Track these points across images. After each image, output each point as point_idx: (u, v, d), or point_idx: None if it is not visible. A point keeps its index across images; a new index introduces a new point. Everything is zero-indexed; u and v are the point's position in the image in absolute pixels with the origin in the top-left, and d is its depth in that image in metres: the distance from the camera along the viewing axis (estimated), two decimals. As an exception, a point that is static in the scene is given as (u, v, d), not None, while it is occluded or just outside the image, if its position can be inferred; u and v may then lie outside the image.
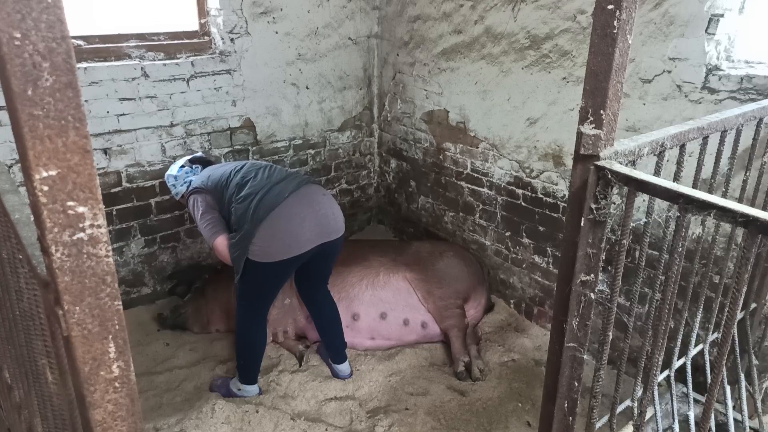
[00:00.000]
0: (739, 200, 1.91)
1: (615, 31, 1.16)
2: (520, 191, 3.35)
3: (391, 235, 4.48)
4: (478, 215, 3.68)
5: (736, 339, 1.96)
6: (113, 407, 0.73)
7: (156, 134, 3.32)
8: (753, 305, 2.12)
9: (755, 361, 2.09)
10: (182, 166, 2.90)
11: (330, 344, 2.94)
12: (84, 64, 2.99)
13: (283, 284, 2.69)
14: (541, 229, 3.28)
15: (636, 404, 1.62)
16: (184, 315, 3.34)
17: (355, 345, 3.15)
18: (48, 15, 0.57)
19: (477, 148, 3.55)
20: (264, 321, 2.72)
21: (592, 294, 1.36)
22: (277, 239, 2.45)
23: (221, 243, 2.55)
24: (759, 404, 2.14)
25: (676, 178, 1.48)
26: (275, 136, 3.82)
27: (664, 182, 1.20)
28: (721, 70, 2.38)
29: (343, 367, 2.95)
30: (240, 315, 2.68)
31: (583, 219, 1.29)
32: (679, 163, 1.49)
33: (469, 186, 3.68)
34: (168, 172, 2.94)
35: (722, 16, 2.33)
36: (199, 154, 3.11)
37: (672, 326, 2.15)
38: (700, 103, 2.43)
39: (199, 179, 2.76)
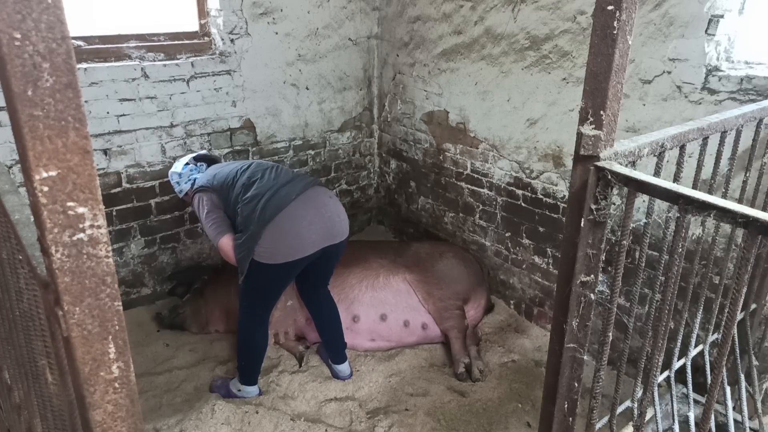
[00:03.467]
0: (739, 201, 1.91)
1: (615, 32, 1.16)
2: (520, 192, 3.35)
3: (391, 236, 4.48)
4: (478, 216, 3.68)
5: (736, 340, 1.96)
6: (113, 408, 0.72)
7: (156, 135, 3.32)
8: (753, 306, 2.12)
9: (755, 362, 2.09)
10: (186, 164, 2.88)
11: (330, 345, 2.94)
12: (84, 65, 2.99)
13: (286, 286, 2.69)
14: (541, 229, 3.28)
15: (636, 405, 1.62)
16: (182, 315, 3.34)
17: (355, 346, 3.15)
18: (48, 16, 0.57)
19: (477, 148, 3.55)
20: (266, 322, 2.72)
21: (592, 295, 1.36)
22: (282, 241, 2.45)
23: (226, 243, 2.55)
24: (759, 405, 2.14)
25: (676, 178, 1.48)
26: (275, 137, 3.82)
27: (664, 183, 1.20)
28: (721, 70, 2.38)
29: (343, 368, 2.95)
30: (242, 316, 2.68)
31: (583, 220, 1.29)
32: (679, 164, 1.49)
33: (469, 187, 3.68)
34: (172, 170, 2.91)
35: (722, 16, 2.33)
36: (204, 152, 3.07)
37: (672, 327, 2.15)
38: (700, 103, 2.43)
39: (204, 177, 2.75)
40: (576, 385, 1.46)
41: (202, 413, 2.59)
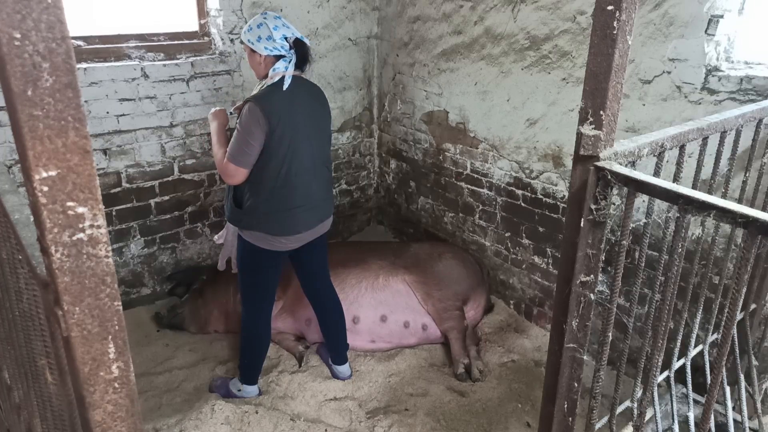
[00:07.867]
0: (739, 201, 1.91)
1: (615, 32, 1.16)
2: (519, 192, 3.35)
3: (390, 236, 4.48)
4: (477, 216, 3.68)
5: (736, 340, 1.96)
6: (113, 408, 0.72)
7: (156, 135, 3.32)
8: (753, 306, 2.13)
9: (755, 362, 2.09)
10: (286, 37, 2.30)
11: (332, 345, 2.94)
12: (84, 65, 2.99)
13: (278, 273, 2.68)
14: (540, 229, 3.28)
15: (636, 405, 1.62)
16: (181, 315, 3.34)
17: (356, 348, 3.15)
18: (48, 15, 0.57)
19: (477, 148, 3.55)
20: (269, 319, 2.72)
21: (591, 295, 1.37)
22: (278, 241, 2.50)
23: (239, 172, 2.33)
24: (759, 405, 2.14)
25: (676, 178, 1.48)
26: (275, 137, 3.81)
27: (664, 183, 1.20)
28: (721, 71, 2.38)
29: (344, 369, 2.95)
30: (245, 315, 2.68)
31: (582, 220, 1.29)
32: (679, 164, 1.49)
33: (469, 187, 3.68)
34: (258, 22, 2.31)
35: (722, 17, 2.33)
36: (302, 37, 2.39)
37: (672, 327, 2.15)
38: (700, 103, 2.43)
39: (276, 92, 2.27)
40: (576, 385, 1.46)
41: (202, 413, 2.59)
